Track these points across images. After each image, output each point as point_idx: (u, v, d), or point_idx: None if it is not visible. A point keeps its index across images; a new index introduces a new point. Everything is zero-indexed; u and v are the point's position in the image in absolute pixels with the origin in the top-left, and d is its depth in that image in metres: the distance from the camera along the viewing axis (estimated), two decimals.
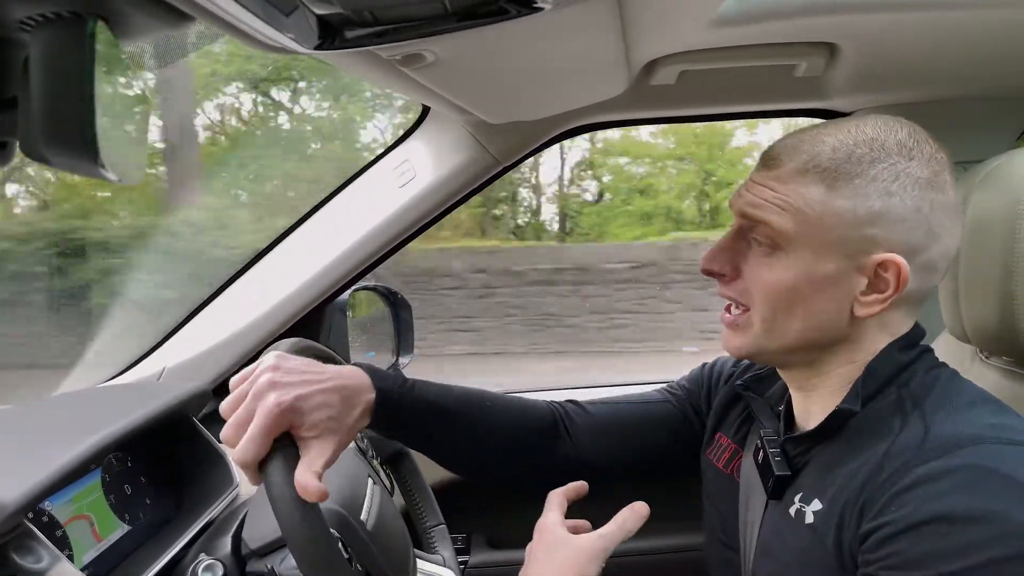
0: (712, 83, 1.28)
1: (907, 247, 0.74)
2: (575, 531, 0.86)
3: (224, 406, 0.77)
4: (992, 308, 0.87)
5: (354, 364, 0.90)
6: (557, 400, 1.07)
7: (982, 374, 1.00)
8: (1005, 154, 0.94)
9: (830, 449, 0.78)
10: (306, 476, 0.71)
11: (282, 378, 0.76)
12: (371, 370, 0.88)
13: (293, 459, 0.73)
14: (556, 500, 0.89)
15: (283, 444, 0.74)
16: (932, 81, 1.28)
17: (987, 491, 0.62)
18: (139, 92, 0.53)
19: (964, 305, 0.94)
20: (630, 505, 0.85)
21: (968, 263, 0.91)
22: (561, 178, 11.96)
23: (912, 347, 0.80)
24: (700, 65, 1.19)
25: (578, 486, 0.92)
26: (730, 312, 0.83)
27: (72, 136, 0.42)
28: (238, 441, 0.73)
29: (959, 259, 0.92)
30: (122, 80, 0.49)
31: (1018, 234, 0.82)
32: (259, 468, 0.73)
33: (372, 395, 0.86)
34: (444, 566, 1.18)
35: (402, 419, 0.91)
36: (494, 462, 1.01)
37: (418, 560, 1.11)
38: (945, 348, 1.06)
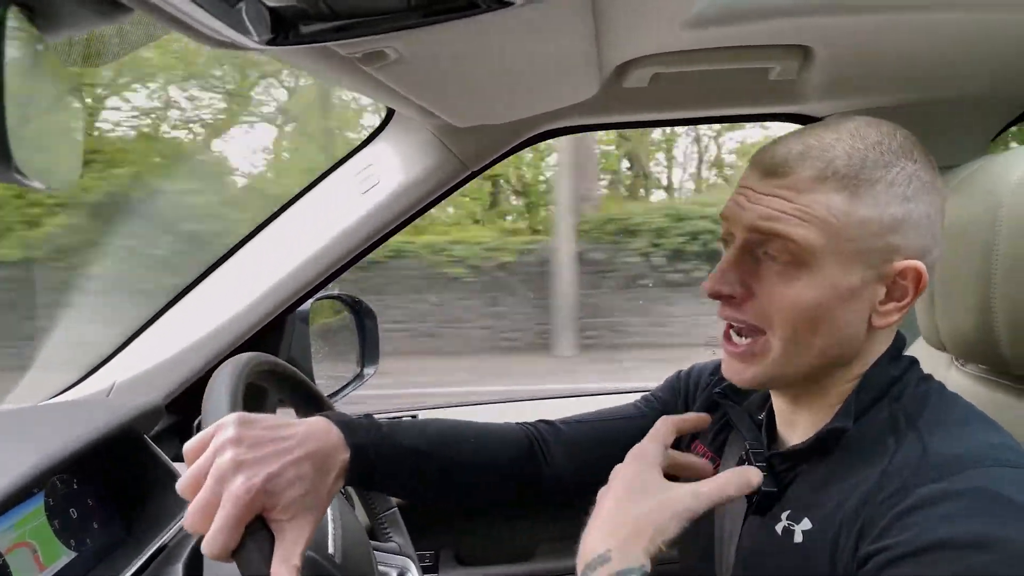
0: (685, 86, 1.25)
1: (922, 252, 0.72)
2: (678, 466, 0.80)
3: (183, 485, 0.70)
4: (968, 316, 0.86)
5: (322, 415, 0.83)
6: (530, 422, 1.03)
7: (958, 381, 0.99)
8: (980, 160, 0.94)
9: (820, 466, 0.75)
10: (284, 572, 0.65)
11: (247, 454, 0.69)
12: (341, 422, 0.82)
13: (268, 546, 0.67)
14: (664, 428, 0.80)
15: (255, 529, 0.68)
16: (905, 85, 1.27)
17: (992, 516, 0.60)
18: (70, 89, 0.48)
19: (940, 313, 0.93)
20: (742, 468, 0.72)
21: (944, 270, 0.90)
22: None
23: (899, 358, 0.78)
24: (673, 67, 1.17)
25: (697, 418, 0.85)
26: (735, 338, 0.78)
27: None
28: (205, 529, 0.66)
29: (935, 266, 0.91)
30: (47, 76, 0.44)
31: (995, 241, 0.81)
32: (231, 557, 0.67)
33: (346, 455, 0.79)
34: (400, 553, 1.15)
35: (380, 473, 0.85)
36: (473, 495, 0.97)
37: (376, 553, 1.08)
38: (920, 356, 1.05)
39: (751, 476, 0.71)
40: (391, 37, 0.66)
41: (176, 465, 1.10)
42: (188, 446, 0.72)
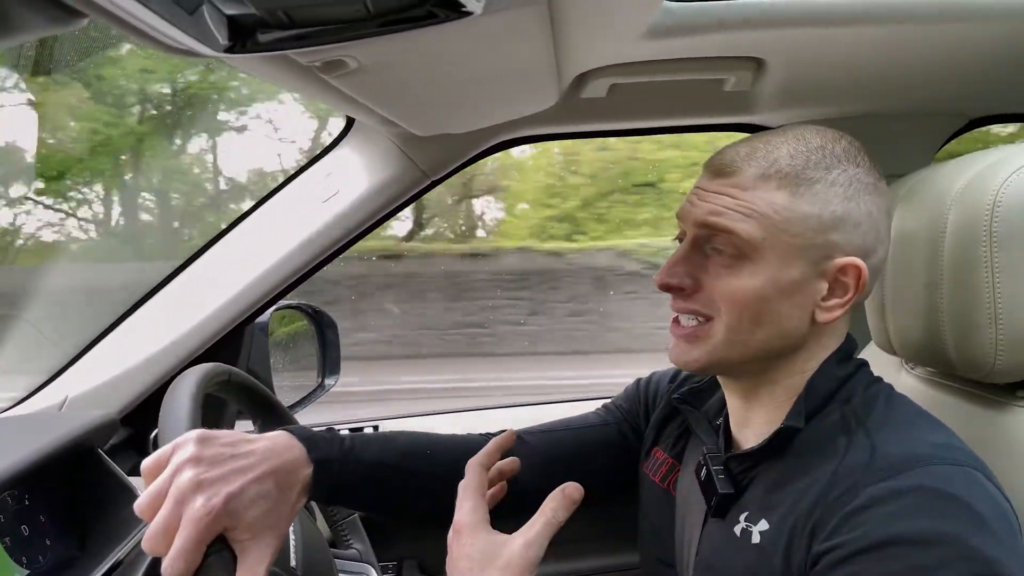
0: (642, 97, 1.27)
1: (863, 250, 0.75)
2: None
3: (141, 505, 0.68)
4: (917, 320, 0.88)
5: (283, 429, 0.82)
6: (493, 432, 1.03)
7: (908, 384, 1.02)
8: (926, 168, 0.96)
9: (776, 468, 0.77)
10: None
11: (207, 473, 0.69)
12: (304, 436, 0.81)
13: (231, 567, 0.67)
14: (474, 483, 0.77)
15: (216, 549, 0.67)
16: (854, 96, 1.30)
17: (938, 514, 0.62)
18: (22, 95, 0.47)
19: (890, 318, 0.95)
20: (560, 489, 0.72)
21: (894, 277, 0.93)
22: None
23: (848, 359, 0.80)
24: (630, 78, 1.18)
25: (499, 441, 0.84)
26: (683, 320, 0.80)
27: None
28: (165, 551, 0.65)
29: (885, 273, 0.93)
30: None
31: (941, 248, 0.83)
32: None
33: (309, 470, 0.79)
34: (361, 560, 1.14)
35: (343, 488, 0.84)
36: (437, 508, 0.96)
37: (336, 561, 1.07)
38: (872, 359, 1.07)
39: (570, 491, 0.72)
40: (350, 46, 0.66)
41: (132, 479, 1.07)
42: (146, 464, 0.71)
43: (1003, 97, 1.36)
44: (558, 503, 0.71)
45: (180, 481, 0.68)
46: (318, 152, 1.36)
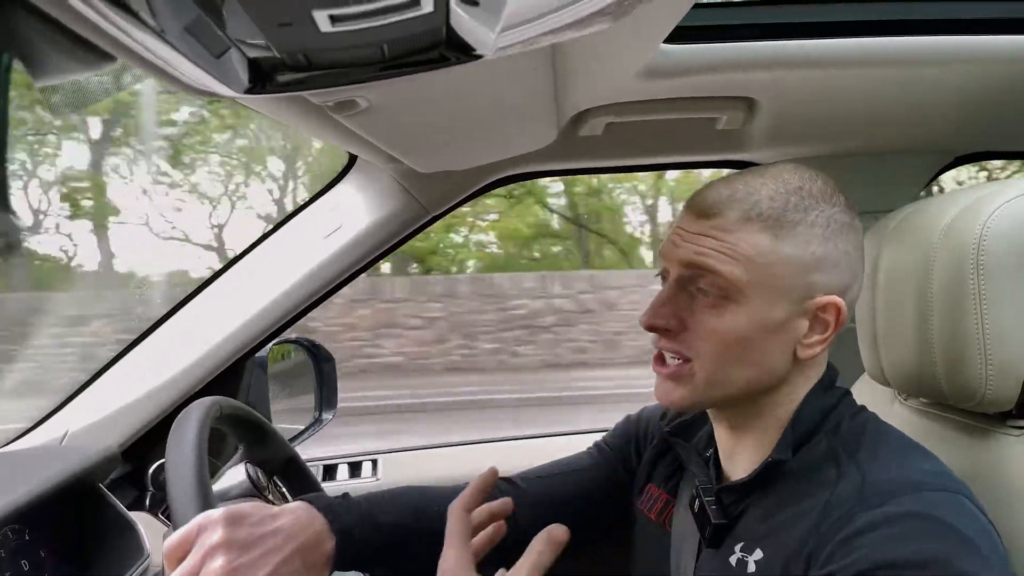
0: (638, 135, 1.30)
1: (842, 288, 0.77)
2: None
3: None
4: (910, 352, 0.90)
5: (301, 499, 0.83)
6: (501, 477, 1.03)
7: (902, 415, 1.03)
8: (913, 203, 0.99)
9: (767, 498, 0.78)
10: None
11: (239, 559, 0.70)
12: (322, 506, 0.83)
13: None
14: (456, 528, 0.75)
15: None
16: (843, 135, 1.34)
17: (930, 538, 0.64)
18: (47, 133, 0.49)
19: (883, 350, 0.97)
20: (545, 531, 0.70)
21: (885, 310, 0.94)
22: None
23: (830, 389, 0.82)
24: (626, 117, 1.22)
25: (480, 481, 0.81)
26: (667, 359, 0.81)
27: None
28: None
29: (877, 306, 0.95)
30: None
31: (930, 280, 0.85)
32: None
33: (332, 543, 0.80)
34: None
35: (364, 554, 0.86)
36: None
37: None
38: (866, 391, 1.09)
39: (555, 532, 0.69)
40: (363, 87, 0.69)
41: (132, 514, 1.07)
42: (169, 544, 0.71)
43: (989, 134, 1.39)
44: (544, 545, 0.69)
45: (212, 568, 0.68)
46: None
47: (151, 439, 1.28)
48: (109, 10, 0.40)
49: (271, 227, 1.38)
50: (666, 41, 0.96)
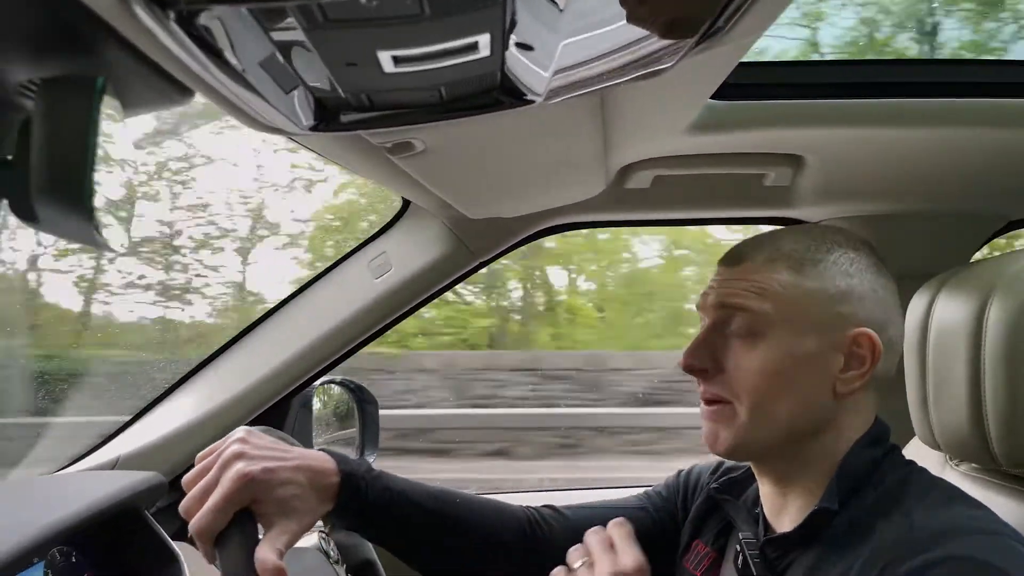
0: (685, 189, 1.32)
1: (874, 323, 0.79)
2: None
3: (187, 478, 0.77)
4: (961, 414, 0.88)
5: (320, 449, 0.89)
6: (533, 505, 1.04)
7: (952, 480, 1.00)
8: (966, 265, 0.98)
9: (813, 552, 0.77)
10: (267, 552, 0.69)
11: (250, 450, 0.77)
12: (337, 455, 0.87)
13: (253, 536, 0.72)
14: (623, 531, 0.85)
15: (244, 519, 0.72)
16: (892, 195, 1.33)
17: None
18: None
19: (933, 412, 0.95)
20: (613, 523, 0.84)
21: (936, 371, 0.93)
22: None
23: (878, 443, 0.82)
24: (674, 171, 1.23)
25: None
26: (711, 407, 0.83)
27: (69, 199, 0.42)
28: (198, 511, 0.72)
29: (927, 366, 0.94)
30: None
31: (982, 341, 0.84)
32: (216, 542, 0.71)
33: (337, 479, 0.84)
34: None
35: (369, 508, 0.88)
36: (467, 564, 0.97)
37: None
38: (916, 454, 1.06)
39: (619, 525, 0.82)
40: (420, 129, 0.72)
41: (175, 544, 1.09)
42: (201, 453, 0.80)
43: None
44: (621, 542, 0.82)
45: (226, 452, 0.76)
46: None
47: None
48: (194, 47, 0.44)
49: (325, 267, 1.42)
50: (713, 97, 0.99)
